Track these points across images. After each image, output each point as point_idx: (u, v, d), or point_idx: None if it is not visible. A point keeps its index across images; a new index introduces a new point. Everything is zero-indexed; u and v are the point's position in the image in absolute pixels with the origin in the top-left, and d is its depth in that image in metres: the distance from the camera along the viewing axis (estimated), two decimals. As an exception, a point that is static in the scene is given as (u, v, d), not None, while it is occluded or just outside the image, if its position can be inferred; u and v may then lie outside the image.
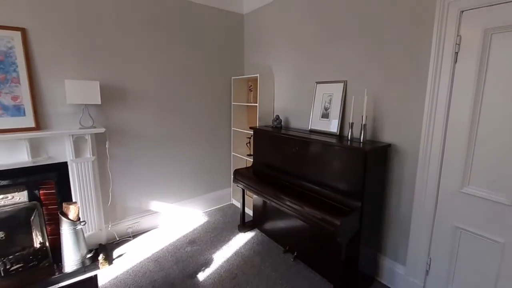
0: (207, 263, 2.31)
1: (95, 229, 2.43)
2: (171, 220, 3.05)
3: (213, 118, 3.23)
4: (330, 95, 2.32)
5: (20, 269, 2.08)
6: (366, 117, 1.96)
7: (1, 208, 2.01)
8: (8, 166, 2.02)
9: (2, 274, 2.00)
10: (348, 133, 2.05)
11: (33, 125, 2.12)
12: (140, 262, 2.32)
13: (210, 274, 2.17)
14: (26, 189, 2.13)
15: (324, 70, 2.40)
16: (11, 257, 2.05)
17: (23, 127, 2.09)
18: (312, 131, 2.44)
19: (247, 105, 3.39)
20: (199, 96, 3.06)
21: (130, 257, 2.39)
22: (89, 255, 2.17)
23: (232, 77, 3.24)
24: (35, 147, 2.12)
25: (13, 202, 2.07)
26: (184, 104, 2.97)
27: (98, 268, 2.11)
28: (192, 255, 2.43)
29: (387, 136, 1.98)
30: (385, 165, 1.97)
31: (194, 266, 2.28)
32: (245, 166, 3.39)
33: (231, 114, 3.35)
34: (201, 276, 2.15)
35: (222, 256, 2.41)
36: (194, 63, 2.96)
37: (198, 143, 3.15)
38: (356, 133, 2.05)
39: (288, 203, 2.06)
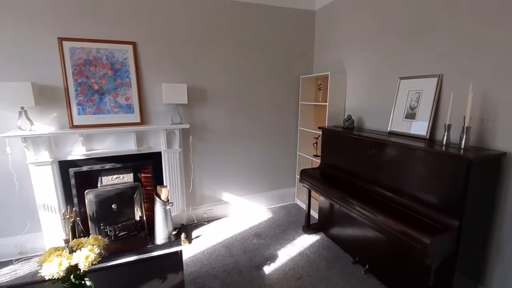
0: (272, 258, 2.39)
1: (179, 210, 2.83)
2: (238, 211, 3.27)
3: (280, 117, 3.30)
4: (418, 92, 2.05)
5: (125, 236, 2.59)
6: (471, 118, 1.64)
7: (115, 186, 2.55)
8: (121, 152, 2.55)
9: (113, 238, 2.53)
10: (443, 137, 1.74)
11: (139, 120, 2.61)
12: (213, 245, 2.57)
13: (275, 270, 2.23)
14: (132, 172, 2.65)
15: (410, 63, 2.13)
16: (119, 225, 2.57)
17: (131, 122, 2.59)
18: (392, 133, 2.21)
19: (315, 105, 3.33)
20: (267, 96, 3.17)
21: (205, 239, 2.68)
22: (174, 232, 2.54)
23: (301, 76, 3.24)
24: (139, 138, 2.60)
25: (123, 181, 2.60)
26: (254, 103, 3.12)
27: (181, 244, 2.45)
28: (258, 247, 2.55)
29: (501, 143, 1.60)
30: (497, 178, 1.61)
31: (260, 258, 2.39)
32: (310, 166, 3.35)
33: (298, 114, 3.36)
34: (267, 269, 2.24)
35: (286, 254, 2.45)
36: (263, 64, 3.07)
37: (265, 141, 3.27)
38: (453, 138, 1.74)
39: (358, 208, 1.94)
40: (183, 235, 2.56)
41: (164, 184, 2.70)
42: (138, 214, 2.64)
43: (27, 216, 2.38)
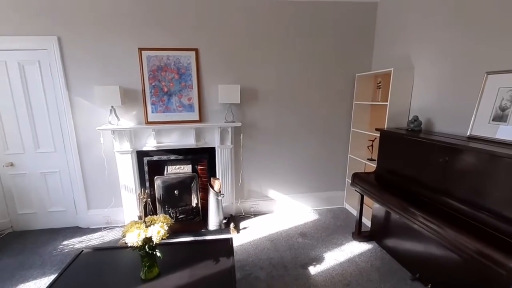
0: (317, 259, 2.38)
1: (229, 202, 3.07)
2: (283, 209, 3.34)
3: (331, 117, 3.20)
4: None
5: (183, 218, 2.96)
6: None
7: (178, 175, 2.94)
8: (183, 146, 2.91)
9: (174, 220, 2.92)
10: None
11: (197, 118, 2.93)
12: (259, 238, 2.71)
13: (321, 271, 2.22)
14: (190, 164, 3.00)
15: (502, 55, 1.79)
16: (179, 209, 2.96)
17: (192, 120, 2.93)
18: (472, 138, 1.90)
19: (372, 104, 3.11)
20: (319, 95, 3.12)
21: (251, 231, 2.84)
22: (224, 221, 2.79)
23: (357, 74, 3.07)
24: (198, 134, 2.92)
25: (183, 172, 2.97)
26: (304, 103, 3.12)
27: (230, 233, 2.68)
28: (303, 246, 2.58)
29: None
30: None
31: (305, 257, 2.41)
32: (363, 170, 3.16)
33: (351, 114, 3.20)
34: (312, 269, 2.25)
35: (333, 258, 2.40)
36: (316, 63, 3.03)
37: (314, 141, 3.24)
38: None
39: (421, 219, 1.76)
40: (232, 225, 2.78)
41: (217, 177, 2.97)
42: (194, 201, 2.98)
43: (112, 194, 2.97)
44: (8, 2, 2.46)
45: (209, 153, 3.00)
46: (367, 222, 2.90)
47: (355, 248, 2.55)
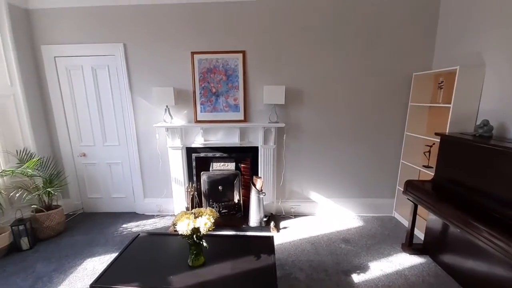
0: (362, 268, 2.27)
1: (270, 200, 3.11)
2: (325, 212, 3.25)
3: (382, 119, 3.00)
4: None
5: (226, 213, 3.09)
6: None
7: (222, 171, 3.08)
8: (228, 144, 3.04)
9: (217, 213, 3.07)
10: None
11: (242, 118, 3.02)
12: (300, 239, 2.69)
13: (366, 281, 2.12)
14: (234, 162, 3.11)
15: None
16: (223, 203, 3.10)
17: (236, 119, 3.03)
18: None
19: (431, 106, 2.82)
20: (368, 97, 2.95)
21: (291, 231, 2.84)
22: (264, 219, 2.83)
23: (414, 73, 2.82)
24: (242, 134, 3.02)
25: (227, 169, 3.10)
26: (352, 104, 2.98)
27: (270, 231, 2.71)
28: (346, 253, 2.48)
29: None
30: None
31: (347, 264, 2.32)
32: (417, 178, 2.90)
33: (406, 117, 2.95)
34: (356, 277, 2.16)
35: (379, 268, 2.27)
36: (365, 61, 2.87)
37: (361, 145, 3.08)
38: None
39: (486, 235, 1.57)
40: (272, 223, 2.81)
41: (259, 175, 3.03)
42: (236, 197, 3.09)
43: (164, 186, 3.24)
44: (85, 14, 2.87)
45: (252, 152, 3.07)
46: (419, 234, 2.66)
47: (404, 261, 2.36)
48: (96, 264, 2.35)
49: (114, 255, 2.41)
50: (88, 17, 2.88)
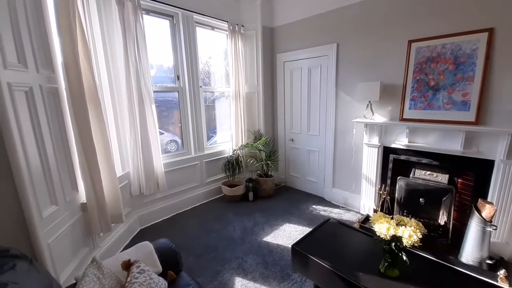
0: None
1: (501, 239, 2.20)
2: None
3: None
4: None
5: (425, 233, 2.58)
6: None
7: (427, 182, 2.58)
8: (442, 150, 2.47)
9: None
10: None
11: (473, 119, 2.29)
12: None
13: None
14: (448, 173, 2.48)
15: None
16: (421, 220, 2.60)
17: (462, 121, 2.35)
18: None
19: None
20: None
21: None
22: (489, 261, 2.06)
23: None
24: (468, 140, 2.31)
25: (436, 180, 2.54)
26: None
27: (497, 281, 1.94)
28: None
29: None
30: None
31: None
32: None
33: None
34: None
35: None
36: None
37: None
38: None
39: None
40: (503, 271, 1.98)
41: (489, 200, 2.21)
42: (443, 219, 2.48)
43: (353, 180, 3.28)
44: (308, 23, 3.37)
45: (481, 166, 2.27)
46: None
47: None
48: (292, 230, 2.89)
49: (305, 228, 2.85)
50: (310, 25, 3.40)
